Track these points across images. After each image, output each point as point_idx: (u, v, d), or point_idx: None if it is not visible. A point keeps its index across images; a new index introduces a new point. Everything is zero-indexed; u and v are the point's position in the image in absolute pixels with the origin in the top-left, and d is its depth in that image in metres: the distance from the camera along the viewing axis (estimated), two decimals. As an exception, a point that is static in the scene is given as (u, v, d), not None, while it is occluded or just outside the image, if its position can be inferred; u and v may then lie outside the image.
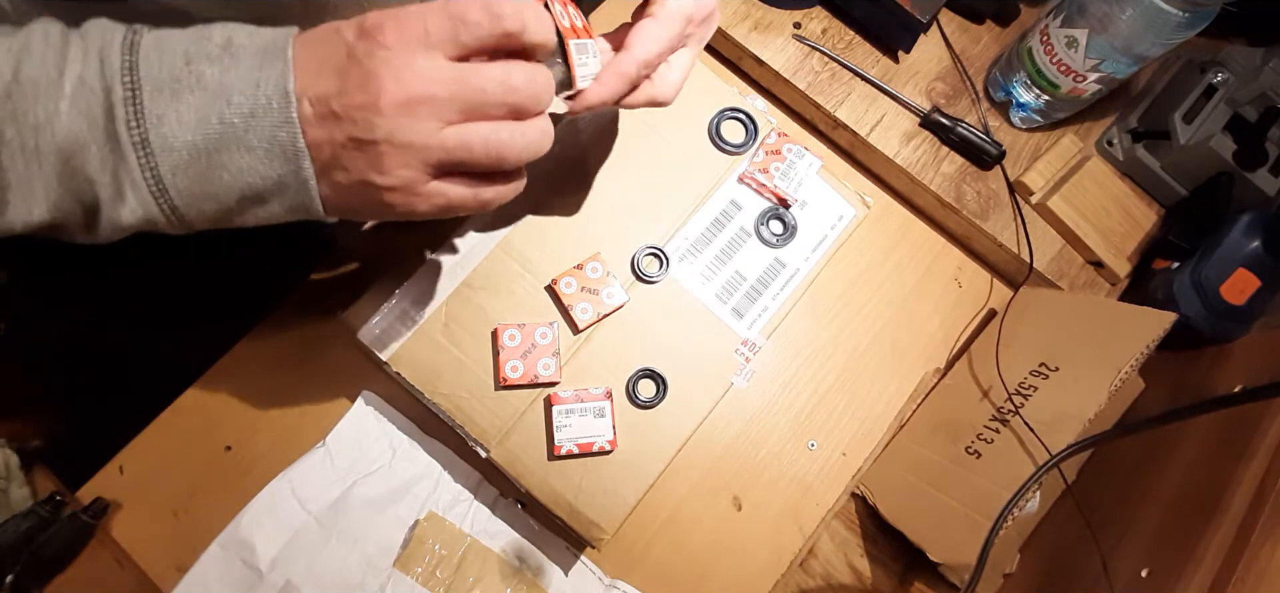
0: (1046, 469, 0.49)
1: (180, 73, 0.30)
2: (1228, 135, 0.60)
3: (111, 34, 0.30)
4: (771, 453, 0.58)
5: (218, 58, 0.30)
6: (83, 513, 0.48)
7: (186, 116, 0.30)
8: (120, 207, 0.31)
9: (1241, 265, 0.57)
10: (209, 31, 0.31)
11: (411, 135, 0.31)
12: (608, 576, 0.54)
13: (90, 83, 0.29)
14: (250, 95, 0.30)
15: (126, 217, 0.31)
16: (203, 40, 0.31)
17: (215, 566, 0.49)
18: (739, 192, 0.55)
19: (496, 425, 0.48)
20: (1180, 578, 0.45)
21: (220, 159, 0.31)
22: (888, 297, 0.63)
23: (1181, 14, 0.52)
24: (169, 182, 0.31)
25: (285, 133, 0.31)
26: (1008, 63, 0.66)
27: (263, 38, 0.31)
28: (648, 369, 0.50)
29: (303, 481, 0.51)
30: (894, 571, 0.57)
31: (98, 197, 0.31)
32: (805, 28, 0.65)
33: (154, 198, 0.31)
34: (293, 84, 0.31)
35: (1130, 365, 0.50)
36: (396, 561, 0.50)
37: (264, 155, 0.31)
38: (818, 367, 0.60)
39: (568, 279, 0.51)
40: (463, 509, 0.52)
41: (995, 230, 0.62)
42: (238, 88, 0.30)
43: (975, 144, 0.63)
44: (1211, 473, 0.49)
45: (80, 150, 0.30)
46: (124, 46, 0.30)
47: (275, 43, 0.31)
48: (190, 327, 0.59)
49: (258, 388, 0.53)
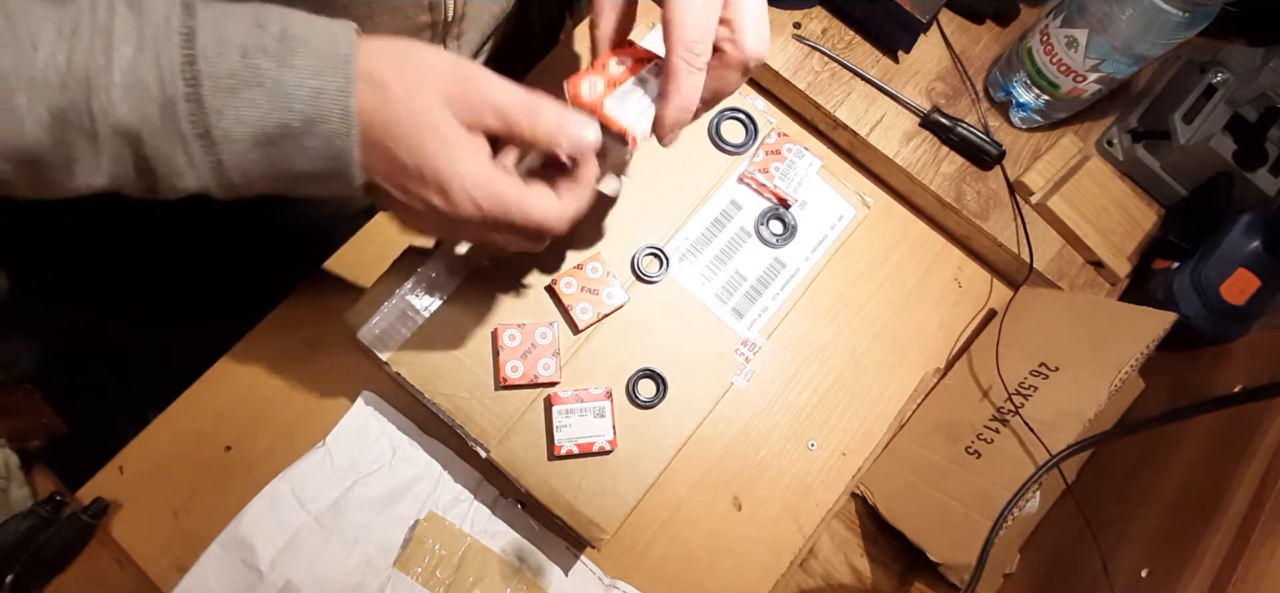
0: (1046, 469, 0.49)
1: (237, 68, 0.31)
2: (1228, 135, 0.60)
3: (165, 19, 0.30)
4: (771, 453, 0.58)
5: (275, 52, 0.31)
6: (83, 513, 0.48)
7: (246, 114, 0.31)
8: (180, 181, 0.32)
9: (1241, 265, 0.57)
10: (265, 17, 0.31)
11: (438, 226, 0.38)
12: (608, 576, 0.54)
13: (144, 77, 0.30)
14: (310, 102, 0.31)
15: (186, 187, 0.33)
16: (259, 33, 0.31)
17: (215, 566, 0.49)
18: (739, 192, 0.55)
19: (496, 425, 0.48)
20: (1180, 578, 0.45)
21: (278, 149, 0.32)
22: (888, 297, 0.63)
23: (1181, 14, 0.52)
24: (229, 165, 0.32)
25: (341, 145, 0.33)
26: (1008, 63, 0.66)
27: (318, 32, 0.32)
28: (648, 369, 0.50)
29: (303, 481, 0.51)
30: (894, 571, 0.57)
31: (157, 172, 0.32)
32: (805, 28, 0.65)
33: (214, 176, 0.33)
34: (353, 101, 0.32)
35: (1130, 365, 0.50)
36: (396, 561, 0.50)
37: (320, 154, 0.33)
38: (818, 367, 0.60)
39: (568, 279, 0.51)
40: (463, 509, 0.52)
41: (995, 230, 0.62)
42: (298, 95, 0.31)
43: (975, 144, 0.63)
44: (1211, 473, 0.49)
45: (140, 137, 0.31)
46: (182, 37, 0.30)
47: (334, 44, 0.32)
48: (190, 327, 0.59)
49: (258, 388, 0.53)
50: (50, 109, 0.29)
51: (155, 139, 0.31)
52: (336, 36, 0.32)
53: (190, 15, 0.30)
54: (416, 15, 0.44)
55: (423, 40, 0.46)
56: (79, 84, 0.29)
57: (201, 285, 0.61)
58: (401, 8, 0.43)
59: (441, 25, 0.46)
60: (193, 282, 0.62)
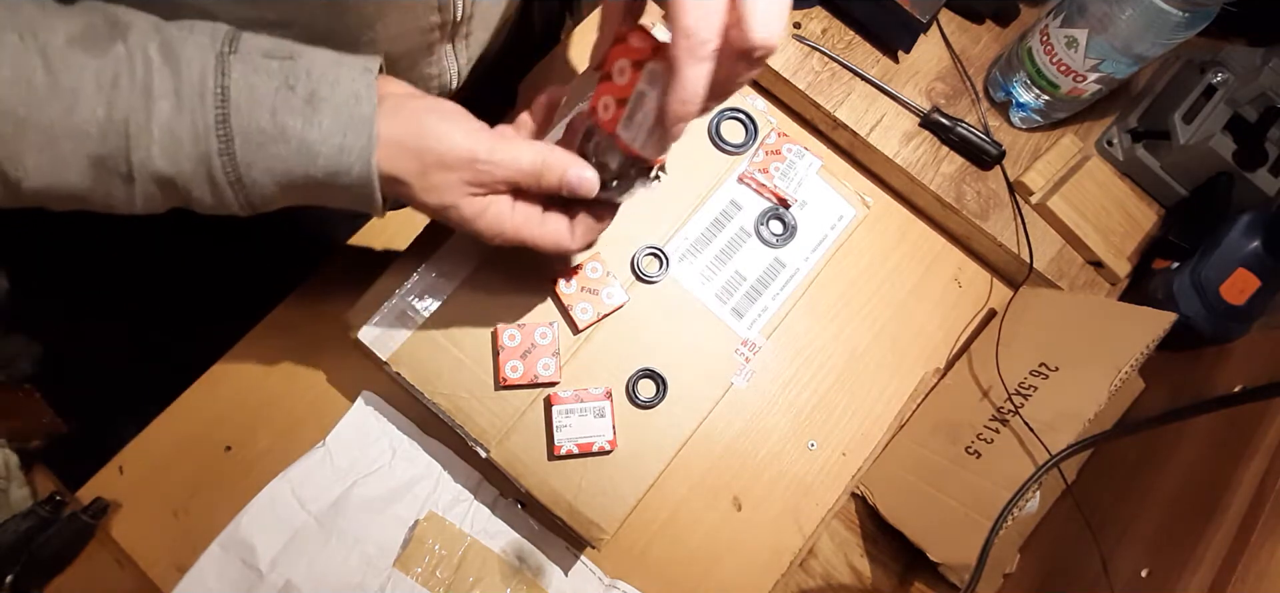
0: (1046, 469, 0.49)
1: (267, 125, 0.33)
2: (1228, 135, 0.60)
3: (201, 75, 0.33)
4: (771, 453, 0.58)
5: (301, 111, 0.34)
6: (83, 513, 0.48)
7: (275, 167, 0.34)
8: (212, 212, 0.36)
9: (1241, 265, 0.57)
10: (294, 76, 0.34)
11: None
12: (608, 576, 0.54)
13: (181, 134, 0.32)
14: (334, 158, 0.35)
15: (218, 214, 0.36)
16: (288, 92, 0.34)
17: (215, 566, 0.49)
18: (739, 191, 0.55)
19: (496, 425, 0.48)
20: (1180, 578, 0.45)
21: (306, 193, 0.36)
22: (888, 297, 0.63)
23: (1181, 14, 0.52)
24: (260, 204, 0.36)
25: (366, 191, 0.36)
26: (1008, 63, 0.66)
27: (342, 91, 0.35)
28: (648, 369, 0.50)
29: (303, 481, 0.51)
30: (894, 571, 0.57)
31: (192, 203, 0.35)
32: (805, 28, 0.65)
33: (245, 209, 0.36)
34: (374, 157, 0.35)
35: (1130, 365, 0.50)
36: (396, 561, 0.50)
37: (348, 198, 0.37)
38: (818, 367, 0.60)
39: (568, 279, 0.51)
40: (463, 509, 0.52)
41: (995, 230, 0.62)
42: (322, 151, 0.34)
43: (975, 144, 0.63)
44: (1211, 473, 0.49)
45: (173, 181, 0.34)
46: (217, 98, 0.33)
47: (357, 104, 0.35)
48: (190, 327, 0.59)
49: (258, 388, 0.53)
50: (90, 157, 0.32)
51: (189, 184, 0.34)
52: (360, 97, 0.35)
53: (224, 73, 0.33)
54: (426, 15, 0.44)
55: (432, 40, 0.46)
56: (118, 135, 0.32)
57: (202, 285, 0.61)
58: (412, 8, 0.43)
59: (450, 25, 0.46)
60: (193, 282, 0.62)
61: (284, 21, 0.38)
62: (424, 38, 0.45)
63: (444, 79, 0.50)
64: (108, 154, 0.32)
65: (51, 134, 0.31)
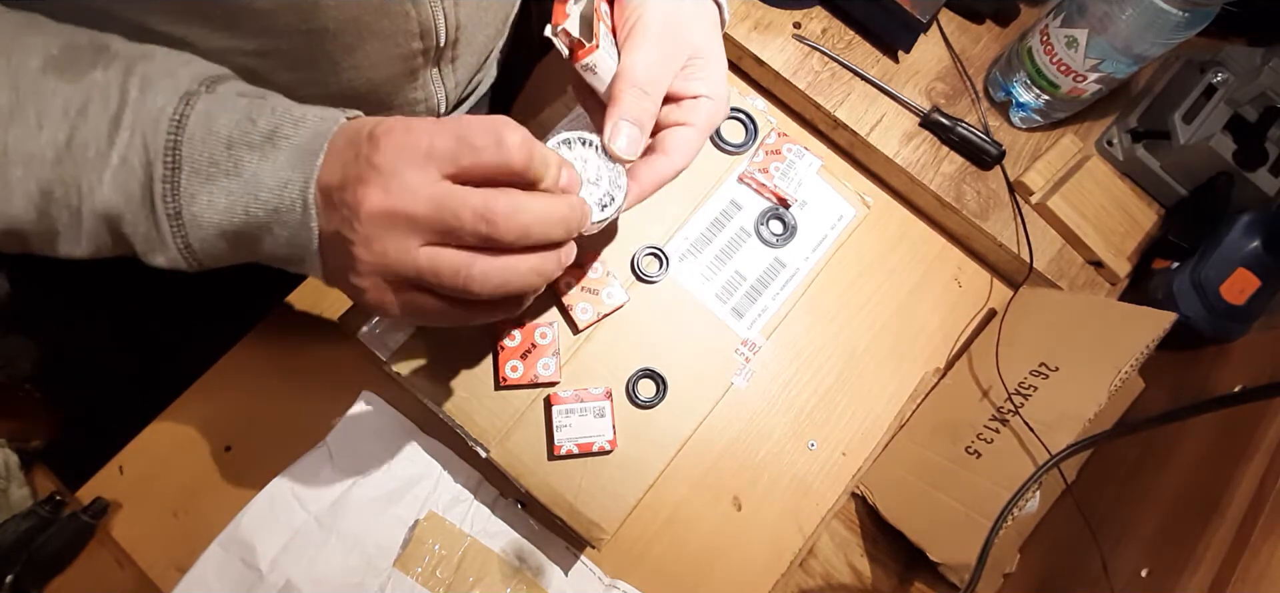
0: (1046, 469, 0.49)
1: (220, 157, 0.31)
2: (1228, 135, 0.60)
3: (164, 105, 0.31)
4: (771, 453, 0.58)
5: (259, 147, 0.32)
6: (83, 513, 0.48)
7: (217, 201, 0.32)
8: (153, 256, 0.33)
9: (1241, 265, 0.57)
10: (258, 112, 0.32)
11: (385, 245, 0.31)
12: (608, 576, 0.54)
13: (133, 161, 0.31)
14: (277, 193, 0.32)
15: (158, 262, 0.34)
16: (248, 125, 0.32)
17: (215, 565, 0.49)
18: (739, 191, 0.55)
19: (496, 426, 0.48)
20: (1180, 578, 0.45)
21: (245, 237, 0.33)
22: (888, 297, 0.63)
23: (1181, 14, 0.52)
24: (198, 248, 0.33)
25: (303, 234, 0.32)
26: (1008, 63, 0.66)
27: (306, 131, 0.32)
28: (648, 369, 0.50)
29: (302, 480, 0.51)
30: (894, 571, 0.57)
31: (133, 248, 0.33)
32: (805, 28, 0.65)
33: (183, 257, 0.33)
34: (314, 189, 0.31)
35: (1130, 365, 0.50)
36: (396, 561, 0.50)
37: (284, 242, 0.33)
38: (818, 367, 0.60)
39: (567, 279, 0.51)
40: (463, 509, 0.52)
41: (995, 230, 0.62)
42: (267, 183, 0.32)
43: (975, 144, 0.63)
44: (1211, 473, 0.49)
45: (119, 216, 0.32)
46: (172, 124, 0.31)
47: (315, 140, 0.32)
48: (191, 326, 0.59)
49: (258, 388, 0.53)
50: (40, 185, 0.30)
51: (135, 217, 0.32)
52: (320, 128, 0.32)
53: (189, 104, 0.31)
54: (408, 42, 0.43)
55: (416, 67, 0.45)
56: (73, 163, 0.30)
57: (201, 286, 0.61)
58: (392, 35, 0.42)
59: (434, 51, 0.45)
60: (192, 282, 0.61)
61: (262, 51, 0.38)
62: (406, 64, 0.45)
63: (431, 103, 0.50)
64: (58, 182, 0.30)
65: (6, 157, 0.29)
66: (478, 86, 0.58)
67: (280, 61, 0.39)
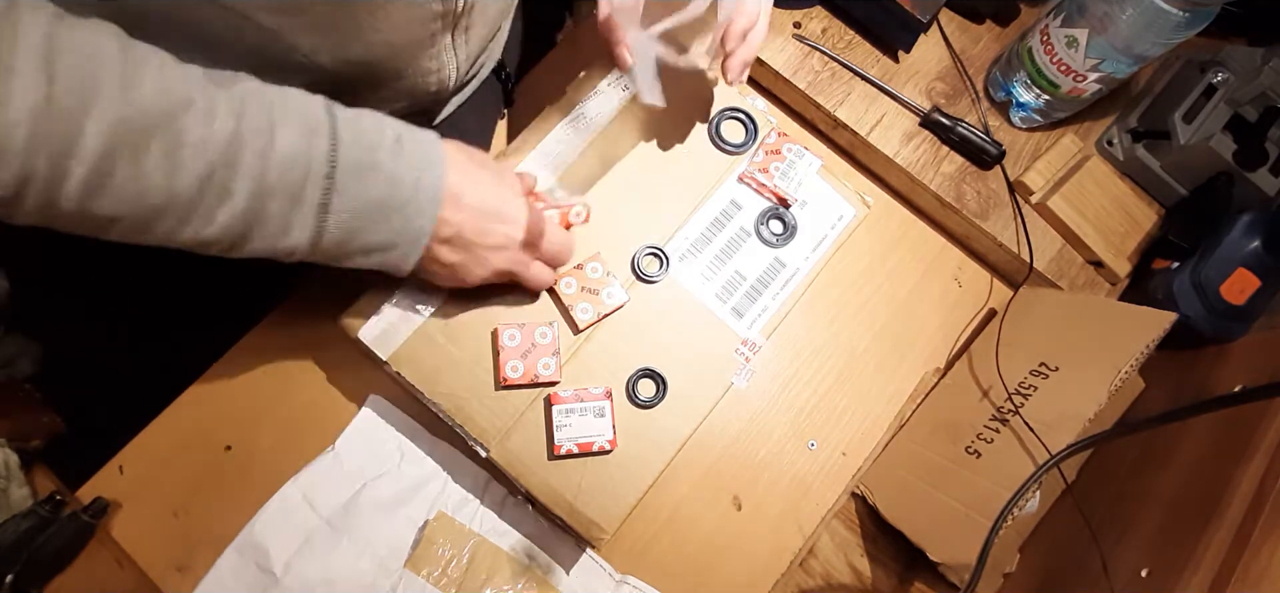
0: (1046, 469, 0.49)
1: (365, 158, 0.39)
2: (1228, 135, 0.60)
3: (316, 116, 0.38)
4: (771, 453, 0.58)
5: (391, 148, 0.40)
6: (83, 513, 0.48)
7: (370, 190, 0.39)
8: (278, 240, 0.38)
9: (1241, 265, 0.57)
10: (382, 122, 0.41)
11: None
12: (618, 571, 0.53)
13: (298, 155, 0.36)
14: (413, 187, 0.41)
15: (280, 247, 0.38)
16: (380, 133, 0.40)
17: (231, 569, 0.49)
18: (739, 191, 0.55)
19: (496, 425, 0.48)
20: (1180, 578, 0.45)
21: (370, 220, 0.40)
22: (888, 297, 0.63)
23: (1181, 14, 0.52)
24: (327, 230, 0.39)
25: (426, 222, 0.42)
26: (1008, 63, 0.66)
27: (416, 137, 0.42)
28: (648, 369, 0.50)
29: (313, 485, 0.51)
30: (894, 571, 0.57)
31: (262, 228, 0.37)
32: (805, 27, 0.65)
33: (308, 239, 0.39)
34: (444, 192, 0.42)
35: (1130, 365, 0.50)
36: (407, 561, 0.50)
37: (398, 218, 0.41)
38: (818, 367, 0.60)
39: (568, 279, 0.51)
40: (472, 509, 0.52)
41: (995, 230, 0.62)
42: (402, 178, 0.40)
43: (975, 144, 0.63)
44: (1211, 473, 0.49)
45: (271, 197, 0.36)
46: (329, 130, 0.38)
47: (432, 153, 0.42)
48: (190, 327, 0.59)
49: (258, 388, 0.53)
50: (208, 164, 0.34)
51: (281, 203, 0.37)
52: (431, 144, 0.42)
53: (331, 115, 0.38)
54: (429, 2, 0.44)
55: (434, 30, 0.47)
56: (241, 148, 0.35)
57: (201, 286, 0.61)
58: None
59: (452, 16, 0.46)
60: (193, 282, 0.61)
61: (291, 9, 0.38)
62: (427, 28, 0.46)
63: (443, 73, 0.50)
64: (221, 163, 0.34)
65: (181, 139, 0.33)
66: (481, 68, 0.58)
67: (303, 23, 0.39)
